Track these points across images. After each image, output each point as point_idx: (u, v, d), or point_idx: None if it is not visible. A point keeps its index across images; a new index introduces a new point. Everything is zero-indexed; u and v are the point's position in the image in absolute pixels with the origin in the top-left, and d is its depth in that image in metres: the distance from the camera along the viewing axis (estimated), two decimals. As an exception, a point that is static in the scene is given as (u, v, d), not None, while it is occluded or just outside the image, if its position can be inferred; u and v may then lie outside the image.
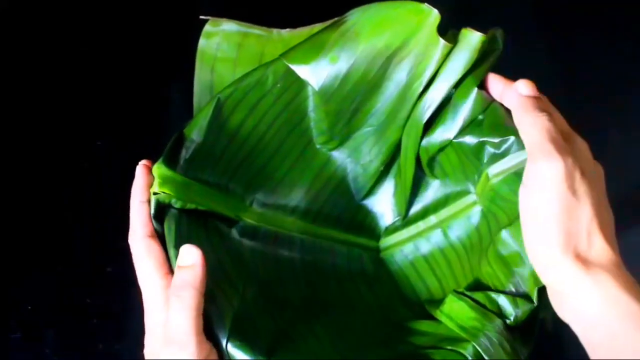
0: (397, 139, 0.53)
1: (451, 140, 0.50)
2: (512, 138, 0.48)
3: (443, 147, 0.51)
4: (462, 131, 0.50)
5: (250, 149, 0.50)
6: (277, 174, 0.52)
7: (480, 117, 0.49)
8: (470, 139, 0.50)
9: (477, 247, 0.51)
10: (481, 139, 0.49)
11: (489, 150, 0.49)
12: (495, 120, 0.49)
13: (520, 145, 0.47)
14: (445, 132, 0.50)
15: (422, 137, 0.51)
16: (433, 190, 0.55)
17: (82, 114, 0.65)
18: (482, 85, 0.49)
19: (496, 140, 0.48)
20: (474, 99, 0.49)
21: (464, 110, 0.49)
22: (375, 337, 0.50)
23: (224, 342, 0.43)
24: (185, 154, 0.47)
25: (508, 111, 0.48)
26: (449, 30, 0.49)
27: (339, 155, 0.54)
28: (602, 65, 0.59)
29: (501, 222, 0.49)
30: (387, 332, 0.50)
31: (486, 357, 0.44)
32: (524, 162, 0.46)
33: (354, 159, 0.54)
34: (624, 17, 0.60)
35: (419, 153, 0.52)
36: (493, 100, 0.49)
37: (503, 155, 0.48)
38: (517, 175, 0.47)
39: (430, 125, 0.51)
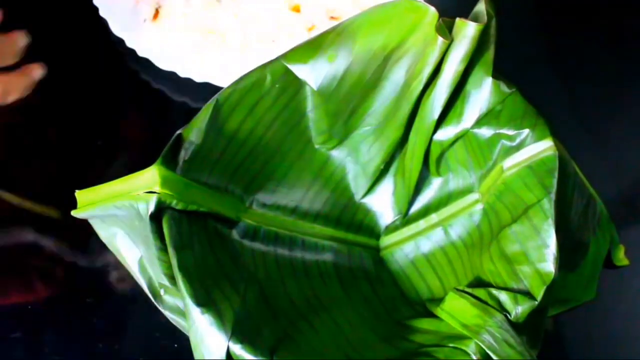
0: (396, 138, 0.53)
1: (468, 131, 0.50)
2: (527, 131, 0.48)
3: (458, 139, 0.51)
4: (479, 122, 0.50)
5: (250, 150, 0.50)
6: (277, 175, 0.52)
7: (498, 107, 0.49)
8: (486, 131, 0.50)
9: (478, 245, 0.51)
10: (497, 131, 0.49)
11: (504, 143, 0.49)
12: (513, 112, 0.49)
13: (536, 138, 0.48)
14: (461, 123, 0.50)
15: (434, 132, 0.51)
16: (435, 188, 0.55)
17: (82, 113, 0.65)
18: (499, 75, 0.49)
19: (511, 132, 0.49)
20: (490, 89, 0.49)
21: (479, 100, 0.49)
22: (377, 335, 0.50)
23: (226, 343, 0.44)
24: (184, 155, 0.47)
25: (526, 102, 0.48)
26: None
27: (338, 155, 0.54)
28: (604, 64, 0.59)
29: (503, 220, 0.49)
30: (390, 330, 0.50)
31: (491, 354, 0.45)
32: (537, 155, 0.47)
33: (353, 158, 0.54)
34: (626, 14, 0.60)
35: (429, 149, 0.52)
36: (513, 90, 0.49)
37: (517, 148, 0.49)
38: (530, 168, 0.48)
39: (442, 119, 0.51)
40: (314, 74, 0.50)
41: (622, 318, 0.55)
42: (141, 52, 0.67)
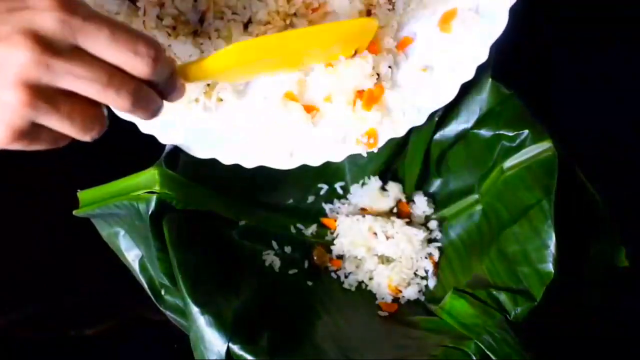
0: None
1: (468, 131, 0.51)
2: (526, 132, 0.48)
3: (458, 139, 0.51)
4: (479, 122, 0.50)
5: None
6: (276, 175, 0.52)
7: (498, 108, 0.49)
8: (485, 132, 0.50)
9: (478, 245, 0.51)
10: (497, 132, 0.50)
11: (504, 143, 0.49)
12: (512, 113, 0.49)
13: (535, 140, 0.48)
14: (461, 123, 0.51)
15: (434, 133, 0.51)
16: (435, 189, 0.55)
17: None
18: (498, 77, 0.49)
19: (511, 133, 0.49)
20: (490, 90, 0.49)
21: (479, 100, 0.50)
22: (377, 334, 0.50)
23: (226, 343, 0.44)
24: (184, 156, 0.48)
25: (524, 104, 0.49)
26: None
27: (339, 155, 0.54)
28: (603, 64, 0.59)
29: (503, 221, 0.49)
30: (389, 329, 0.50)
31: (490, 354, 0.45)
32: (537, 155, 0.48)
33: (353, 159, 0.54)
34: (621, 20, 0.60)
35: (429, 149, 0.52)
36: (511, 92, 0.49)
37: (517, 149, 0.49)
38: (530, 169, 0.48)
39: (442, 119, 0.51)
40: None
41: (623, 319, 0.54)
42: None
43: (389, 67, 0.48)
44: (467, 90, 0.49)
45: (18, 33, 0.33)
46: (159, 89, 0.37)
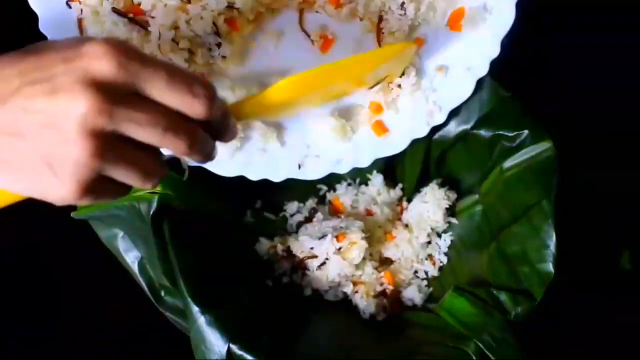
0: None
1: (468, 131, 0.51)
2: (526, 132, 0.48)
3: (458, 139, 0.51)
4: (479, 123, 0.50)
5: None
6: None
7: (498, 109, 0.50)
8: (485, 132, 0.50)
9: (478, 244, 0.51)
10: (496, 132, 0.50)
11: (503, 144, 0.49)
12: (512, 113, 0.49)
13: (534, 140, 0.48)
14: (461, 124, 0.51)
15: (434, 132, 0.51)
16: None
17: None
18: (497, 77, 0.50)
19: (511, 133, 0.49)
20: (490, 91, 0.49)
21: (479, 101, 0.50)
22: (377, 334, 0.50)
23: (227, 343, 0.44)
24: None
25: (524, 104, 0.49)
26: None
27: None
28: (602, 65, 0.59)
29: (503, 221, 0.49)
30: (389, 329, 0.50)
31: (490, 354, 0.45)
32: (537, 155, 0.48)
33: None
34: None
35: (429, 150, 0.52)
36: (510, 93, 0.49)
37: (517, 149, 0.49)
38: (530, 169, 0.48)
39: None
40: None
41: (622, 319, 0.54)
42: None
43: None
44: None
45: (77, 82, 0.31)
46: (213, 130, 0.36)
